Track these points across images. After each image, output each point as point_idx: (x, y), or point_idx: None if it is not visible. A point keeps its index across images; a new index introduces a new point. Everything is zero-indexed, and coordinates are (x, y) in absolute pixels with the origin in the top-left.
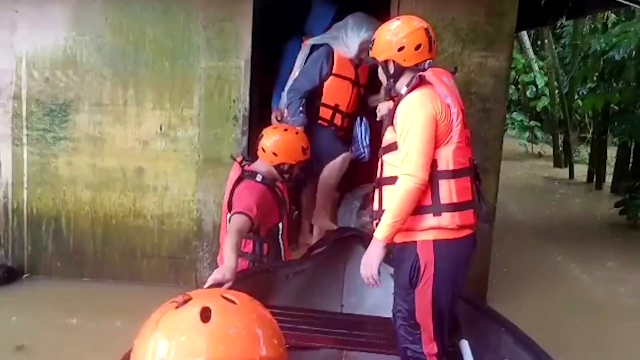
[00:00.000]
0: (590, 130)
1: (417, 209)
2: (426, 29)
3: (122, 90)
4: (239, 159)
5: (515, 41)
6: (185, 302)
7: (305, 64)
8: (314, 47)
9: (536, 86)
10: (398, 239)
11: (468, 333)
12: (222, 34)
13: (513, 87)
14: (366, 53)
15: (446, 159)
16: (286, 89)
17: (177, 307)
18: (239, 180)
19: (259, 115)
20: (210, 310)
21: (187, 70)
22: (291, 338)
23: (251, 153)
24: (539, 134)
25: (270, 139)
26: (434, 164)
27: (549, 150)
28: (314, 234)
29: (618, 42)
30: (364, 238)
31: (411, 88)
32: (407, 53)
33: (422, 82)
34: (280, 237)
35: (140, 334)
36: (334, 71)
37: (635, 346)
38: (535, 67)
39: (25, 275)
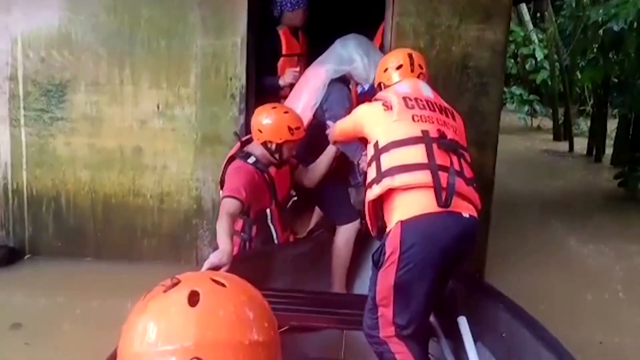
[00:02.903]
0: (590, 103)
1: (367, 186)
2: (409, 54)
3: (118, 70)
4: (245, 138)
5: (514, 14)
6: (174, 285)
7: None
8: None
9: (535, 59)
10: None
11: (466, 310)
12: (218, 12)
13: (512, 60)
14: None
15: (385, 136)
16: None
17: (165, 291)
18: (232, 158)
19: (257, 93)
20: (198, 294)
21: (183, 49)
22: (291, 320)
23: (249, 131)
24: (538, 107)
25: (257, 117)
26: (376, 145)
27: (548, 123)
28: (312, 218)
29: (617, 13)
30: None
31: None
32: (390, 73)
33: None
34: (270, 222)
35: (128, 318)
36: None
37: (633, 318)
38: (535, 39)
39: (27, 256)
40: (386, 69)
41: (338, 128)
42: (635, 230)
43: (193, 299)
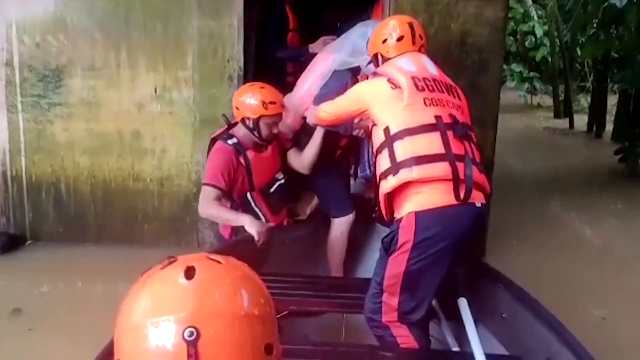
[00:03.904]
0: (590, 79)
1: (382, 176)
2: (410, 23)
3: (115, 54)
4: (234, 121)
5: None
6: (171, 263)
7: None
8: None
9: (535, 36)
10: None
11: (466, 291)
12: None
13: (511, 38)
14: None
15: (396, 123)
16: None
17: (162, 268)
18: (214, 140)
19: (255, 75)
20: (194, 269)
21: (179, 31)
22: (292, 304)
23: None
24: (538, 84)
25: (235, 95)
26: (387, 131)
27: (548, 101)
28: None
29: None
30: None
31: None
32: (389, 45)
33: (376, 75)
34: (255, 206)
35: (127, 296)
36: None
37: (635, 293)
38: (534, 16)
39: (28, 242)
40: (385, 40)
41: (331, 109)
42: (636, 206)
43: (189, 273)
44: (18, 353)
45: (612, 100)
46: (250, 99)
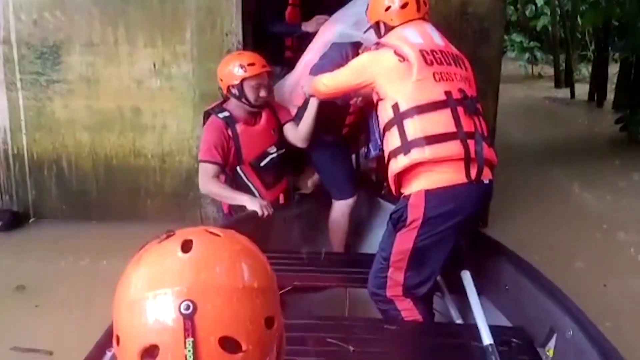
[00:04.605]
0: (591, 48)
1: (391, 154)
2: None
3: (112, 29)
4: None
5: None
6: (168, 237)
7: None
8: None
9: (535, 5)
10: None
11: (469, 263)
12: None
13: (512, 7)
14: None
15: (406, 99)
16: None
17: (159, 242)
18: (208, 114)
19: (253, 48)
20: (192, 242)
21: (177, 5)
22: (295, 280)
23: None
24: (538, 54)
25: (218, 69)
26: (395, 108)
27: (549, 71)
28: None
29: None
30: (366, 180)
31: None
32: (393, 12)
33: (380, 46)
34: (246, 179)
35: (124, 271)
36: None
37: (635, 261)
38: None
39: (31, 220)
40: (388, 7)
41: (331, 82)
42: (637, 173)
43: (186, 246)
44: (28, 328)
45: (613, 69)
46: (230, 66)
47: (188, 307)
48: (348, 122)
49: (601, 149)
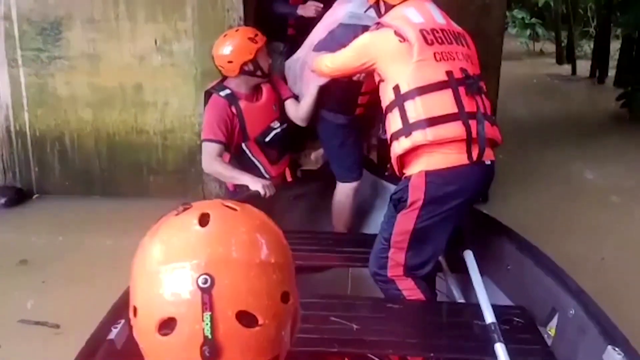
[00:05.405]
0: (593, 25)
1: (393, 136)
2: None
3: (113, 5)
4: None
5: None
6: (185, 209)
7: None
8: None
9: None
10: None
11: (472, 242)
12: None
13: None
14: None
15: (407, 81)
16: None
17: (176, 215)
18: (209, 93)
19: (255, 24)
20: (209, 215)
21: None
22: (298, 260)
23: None
24: (540, 31)
25: (219, 52)
26: (396, 89)
27: (550, 47)
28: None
29: None
30: (369, 162)
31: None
32: None
33: (380, 26)
34: (252, 156)
35: (141, 243)
36: None
37: (634, 235)
38: None
39: (35, 196)
40: None
41: (334, 63)
42: (638, 150)
43: (204, 219)
44: (35, 303)
45: (615, 46)
46: (238, 44)
47: (206, 281)
48: (361, 102)
49: (602, 125)
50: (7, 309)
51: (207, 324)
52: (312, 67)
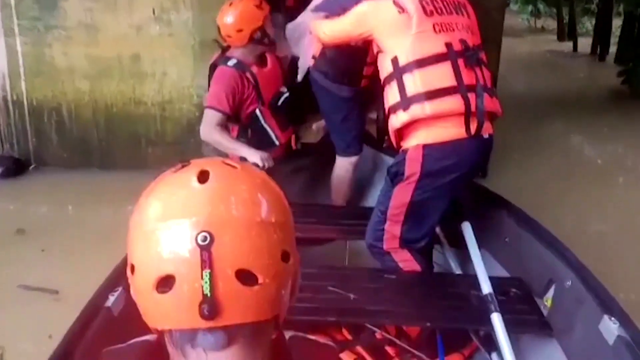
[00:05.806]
0: (595, 1)
1: (391, 109)
2: None
3: None
4: (226, 44)
5: None
6: (184, 167)
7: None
8: None
9: None
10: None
11: (470, 215)
12: None
13: None
14: None
15: (405, 53)
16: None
17: (174, 172)
18: (214, 66)
19: None
20: (208, 173)
21: None
22: (295, 232)
23: None
24: (541, 7)
25: (225, 21)
26: (395, 62)
27: (552, 24)
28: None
29: None
30: (368, 135)
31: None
32: None
33: None
34: (264, 122)
35: (139, 200)
36: None
37: (631, 208)
38: None
39: (32, 167)
40: None
41: (331, 31)
42: (638, 126)
43: (202, 177)
44: (34, 270)
45: (617, 23)
46: (246, 12)
47: (205, 239)
48: (366, 73)
49: (603, 102)
50: (7, 275)
51: (206, 282)
52: (311, 29)
